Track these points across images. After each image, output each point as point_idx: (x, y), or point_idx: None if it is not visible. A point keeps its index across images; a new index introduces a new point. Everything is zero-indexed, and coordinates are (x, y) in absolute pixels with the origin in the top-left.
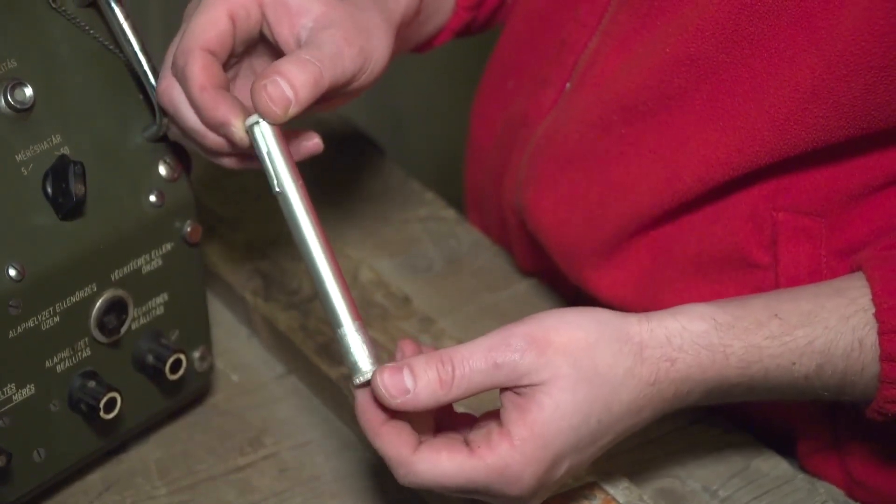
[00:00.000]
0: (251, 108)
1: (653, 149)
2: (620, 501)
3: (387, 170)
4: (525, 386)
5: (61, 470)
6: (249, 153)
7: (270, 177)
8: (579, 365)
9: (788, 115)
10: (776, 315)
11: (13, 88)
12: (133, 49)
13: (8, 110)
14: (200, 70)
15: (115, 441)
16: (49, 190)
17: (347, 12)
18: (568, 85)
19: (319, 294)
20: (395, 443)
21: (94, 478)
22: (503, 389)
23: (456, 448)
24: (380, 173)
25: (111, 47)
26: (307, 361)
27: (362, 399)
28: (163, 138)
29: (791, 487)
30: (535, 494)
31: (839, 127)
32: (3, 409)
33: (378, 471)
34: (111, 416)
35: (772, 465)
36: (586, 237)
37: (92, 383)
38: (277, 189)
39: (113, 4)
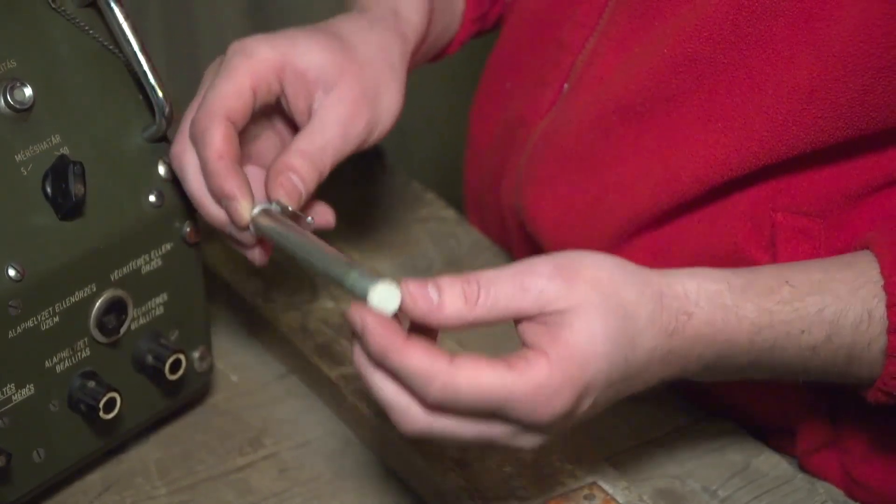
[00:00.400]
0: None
1: (651, 149)
2: (620, 501)
3: (387, 170)
4: (551, 314)
5: (61, 470)
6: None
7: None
8: (607, 297)
9: (786, 116)
10: (787, 282)
11: (13, 88)
12: (133, 49)
13: (7, 110)
14: (221, 139)
15: (115, 441)
16: (49, 190)
17: (356, 77)
18: (566, 86)
19: (317, 267)
20: (429, 353)
21: (94, 478)
22: (525, 322)
23: (494, 362)
24: (380, 174)
25: (111, 47)
26: (307, 362)
27: (375, 321)
28: (162, 138)
29: (791, 487)
30: (555, 424)
31: (837, 128)
32: (2, 410)
33: (378, 471)
34: (111, 416)
35: (771, 465)
36: (585, 238)
37: (91, 383)
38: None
39: (112, 4)
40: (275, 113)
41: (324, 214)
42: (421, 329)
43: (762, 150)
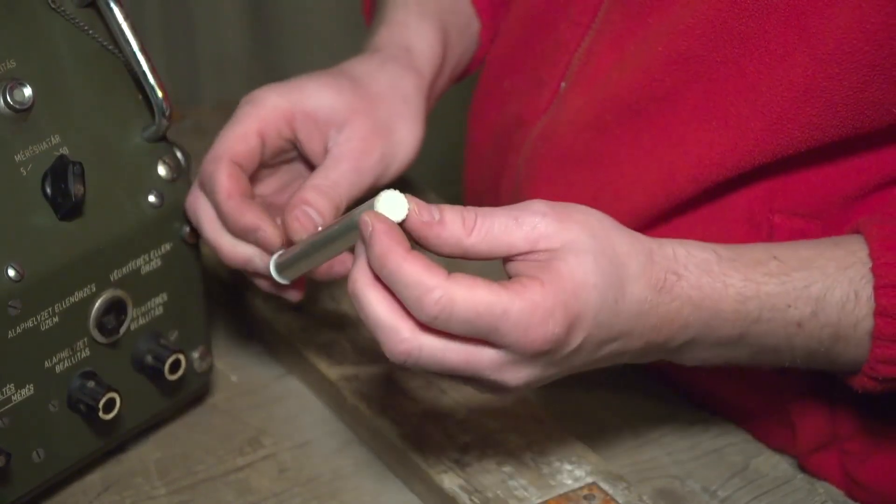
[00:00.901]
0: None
1: (647, 149)
2: (620, 502)
3: None
4: (542, 251)
5: (61, 470)
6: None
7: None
8: (598, 240)
9: (781, 114)
10: (775, 257)
11: (12, 89)
12: (132, 49)
13: (7, 110)
14: (227, 178)
15: (115, 441)
16: (48, 190)
17: (368, 115)
18: (563, 85)
19: (341, 245)
20: (429, 265)
21: (94, 478)
22: (516, 260)
23: (491, 282)
24: None
25: (110, 47)
26: (306, 362)
27: (383, 227)
28: (162, 138)
29: (790, 488)
30: (544, 356)
31: (832, 125)
32: (2, 410)
33: (377, 471)
34: (110, 416)
35: (771, 466)
36: None
37: (91, 383)
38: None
39: (112, 5)
40: (299, 163)
41: (342, 262)
42: None
43: (757, 149)
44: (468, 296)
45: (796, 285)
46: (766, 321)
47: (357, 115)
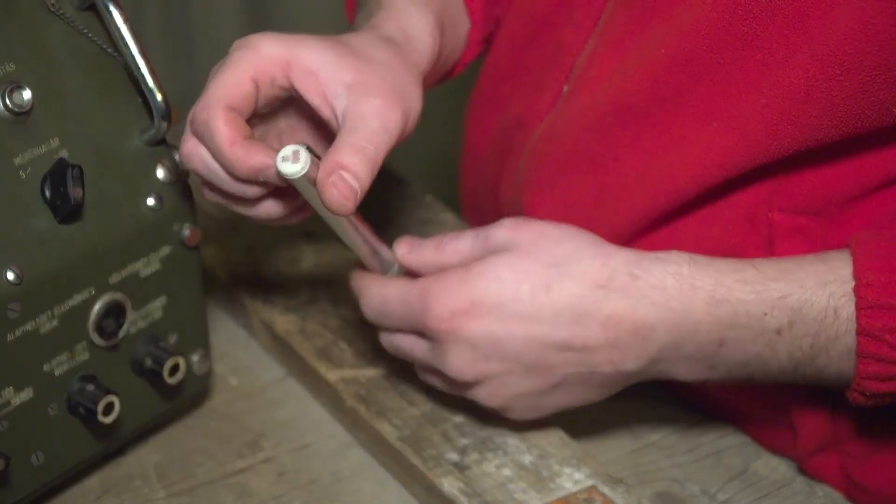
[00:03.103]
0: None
1: (649, 150)
2: None
3: (385, 173)
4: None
5: (60, 473)
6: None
7: (315, 205)
8: (537, 244)
9: (782, 115)
10: (754, 266)
11: (11, 92)
12: (131, 52)
13: (6, 113)
14: (225, 125)
15: (114, 444)
16: (47, 193)
17: (381, 76)
18: (565, 87)
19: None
20: (364, 277)
21: (93, 481)
22: None
23: (405, 279)
24: (378, 176)
25: (110, 50)
26: (305, 365)
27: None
28: (161, 141)
29: (790, 490)
30: (456, 339)
31: (833, 126)
32: (1, 413)
33: (377, 474)
34: (109, 419)
35: (770, 468)
36: None
37: (90, 387)
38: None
39: (111, 8)
40: (293, 112)
41: None
42: None
43: (758, 150)
44: (377, 290)
45: (772, 295)
46: (743, 326)
47: (371, 76)
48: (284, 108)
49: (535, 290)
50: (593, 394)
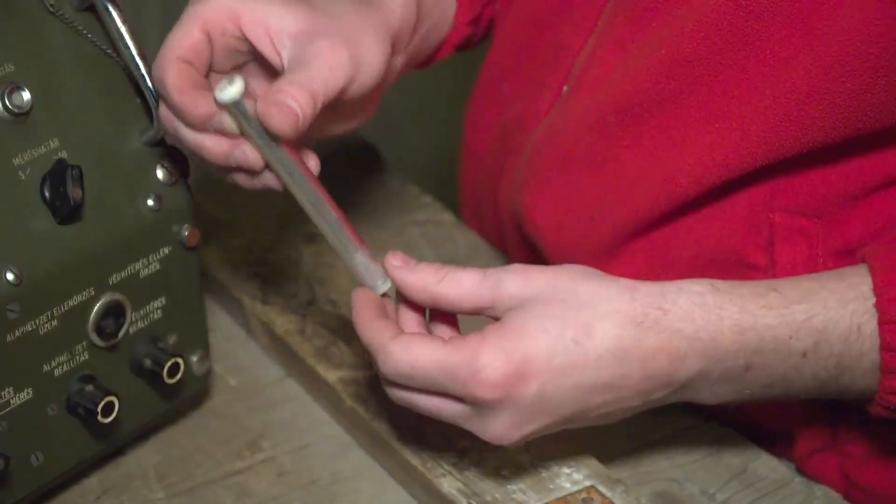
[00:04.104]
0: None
1: (649, 151)
2: None
3: (384, 174)
4: (506, 309)
5: (59, 474)
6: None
7: (258, 142)
8: (559, 288)
9: (784, 116)
10: (775, 289)
11: (11, 92)
12: (131, 53)
13: (5, 114)
14: (173, 76)
15: (113, 445)
16: (47, 194)
17: (329, 23)
18: (565, 88)
19: (326, 235)
20: (379, 330)
21: (92, 482)
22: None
23: (432, 339)
24: (377, 177)
25: (109, 51)
26: (305, 365)
27: (358, 299)
28: (161, 142)
29: (789, 490)
30: (502, 406)
31: (835, 127)
32: (1, 413)
33: (376, 475)
34: (109, 419)
35: (769, 469)
36: (583, 241)
37: (90, 387)
38: (269, 155)
39: (110, 8)
40: (258, 70)
41: (310, 160)
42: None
43: (760, 151)
44: (405, 353)
45: (797, 317)
46: (770, 351)
47: (318, 24)
48: (248, 64)
49: (578, 337)
50: (609, 420)
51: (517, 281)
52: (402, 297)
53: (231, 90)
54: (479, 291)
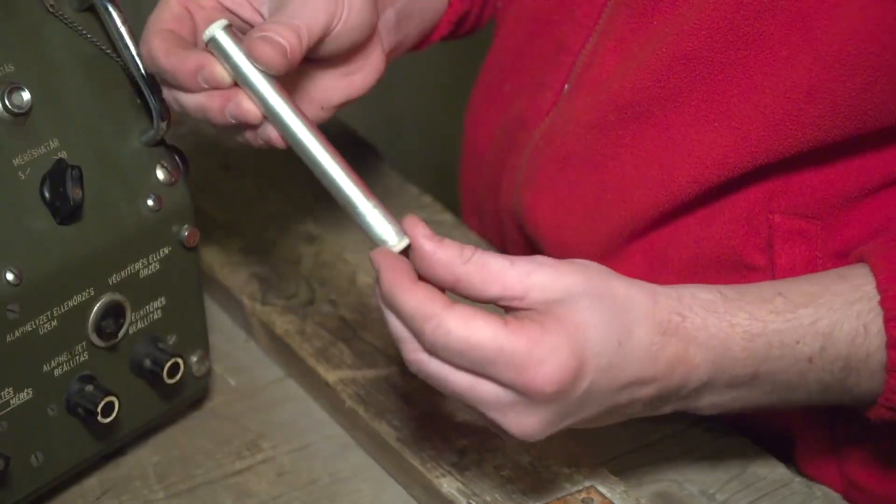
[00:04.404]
0: None
1: (649, 150)
2: None
3: (384, 174)
4: (538, 301)
5: (59, 474)
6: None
7: (246, 77)
8: (595, 285)
9: (784, 115)
10: (780, 294)
11: (11, 92)
12: (130, 53)
13: (5, 114)
14: (159, 42)
15: (113, 445)
16: (47, 194)
17: None
18: (566, 86)
19: (328, 183)
20: (432, 296)
21: (92, 482)
22: (509, 309)
23: (492, 317)
24: (377, 177)
25: (109, 52)
26: (304, 365)
27: (388, 262)
28: (160, 142)
29: (788, 491)
30: (548, 401)
31: (835, 126)
32: (1, 413)
33: (376, 475)
34: (109, 420)
35: (769, 469)
36: (583, 240)
37: (89, 387)
38: (258, 89)
39: (110, 9)
40: None
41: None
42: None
43: (760, 150)
44: (462, 328)
45: (803, 322)
46: (777, 358)
47: None
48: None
49: (622, 338)
50: (611, 422)
51: (550, 274)
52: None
53: (213, 25)
54: (508, 278)
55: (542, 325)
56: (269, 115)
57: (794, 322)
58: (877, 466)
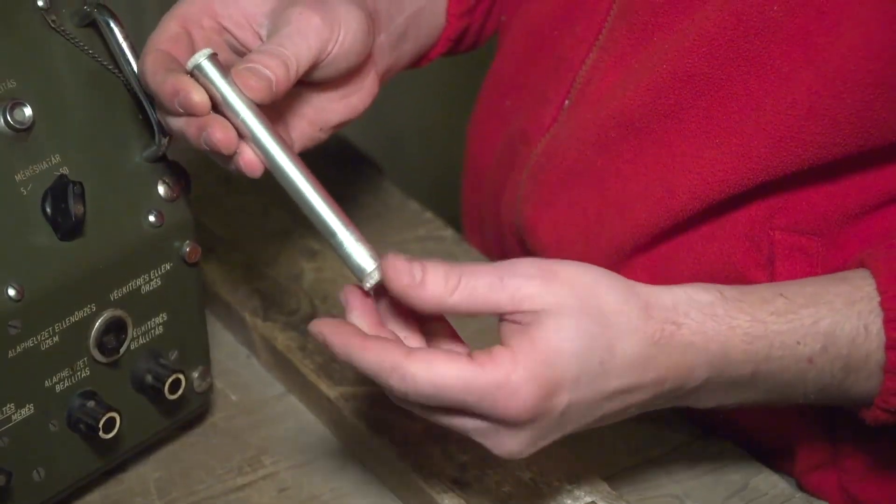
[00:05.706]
0: None
1: (649, 166)
2: None
3: (385, 189)
4: (525, 313)
5: (61, 490)
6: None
7: (229, 106)
8: (584, 300)
9: (785, 133)
10: (781, 294)
11: (12, 108)
12: (132, 69)
13: (7, 130)
14: (150, 62)
15: (115, 461)
16: (48, 210)
17: (302, 2)
18: (567, 101)
19: (307, 211)
20: (387, 348)
21: (94, 498)
22: (504, 320)
23: (454, 356)
24: (378, 193)
25: (110, 67)
26: (306, 381)
27: (330, 330)
28: (162, 158)
29: None
30: (530, 424)
31: (836, 144)
32: (2, 429)
33: (377, 490)
34: (110, 435)
35: (770, 484)
36: (585, 255)
37: (91, 403)
38: (240, 118)
39: (112, 24)
40: None
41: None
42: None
43: (760, 167)
44: (426, 371)
45: (804, 322)
46: (777, 358)
47: (292, 4)
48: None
49: (603, 358)
50: (608, 422)
51: (537, 288)
52: (393, 301)
53: (198, 53)
54: (498, 300)
55: (514, 354)
56: (252, 143)
57: (796, 323)
58: (877, 481)
